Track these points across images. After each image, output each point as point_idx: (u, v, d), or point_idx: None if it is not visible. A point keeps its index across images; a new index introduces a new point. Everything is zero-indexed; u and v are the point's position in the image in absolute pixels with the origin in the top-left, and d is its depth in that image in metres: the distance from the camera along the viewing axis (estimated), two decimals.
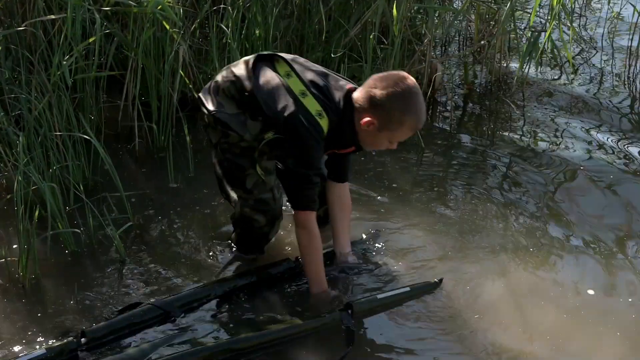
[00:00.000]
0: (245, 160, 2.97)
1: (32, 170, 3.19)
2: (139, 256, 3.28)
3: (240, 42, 4.21)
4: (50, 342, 2.74)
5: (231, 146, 2.96)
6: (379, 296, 2.99)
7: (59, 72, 3.51)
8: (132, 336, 2.81)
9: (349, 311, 2.88)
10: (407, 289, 3.05)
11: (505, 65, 5.06)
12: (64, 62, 3.49)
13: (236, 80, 2.90)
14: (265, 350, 2.75)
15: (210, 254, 3.32)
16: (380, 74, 2.84)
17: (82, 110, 3.87)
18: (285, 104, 2.80)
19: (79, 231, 3.26)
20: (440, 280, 3.12)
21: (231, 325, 2.92)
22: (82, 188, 3.51)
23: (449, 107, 4.74)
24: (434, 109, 4.81)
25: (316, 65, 3.00)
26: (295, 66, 2.90)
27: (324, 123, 2.80)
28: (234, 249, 3.31)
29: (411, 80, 2.79)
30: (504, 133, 4.64)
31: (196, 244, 3.38)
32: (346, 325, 2.83)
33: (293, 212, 2.97)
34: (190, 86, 4.07)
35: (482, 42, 4.92)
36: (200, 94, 3.02)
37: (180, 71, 3.95)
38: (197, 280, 3.13)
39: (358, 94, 2.83)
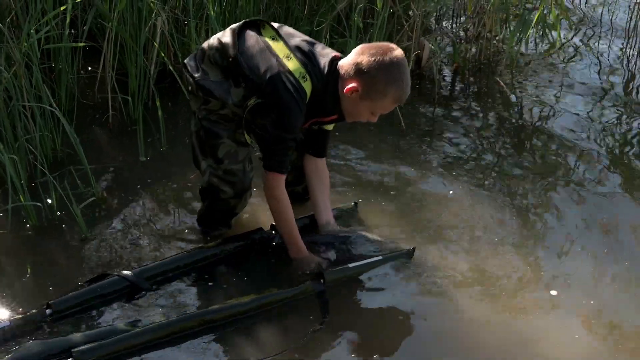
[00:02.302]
0: (221, 128, 2.97)
1: None
2: (104, 230, 3.23)
3: (221, 13, 4.12)
4: (14, 315, 2.72)
5: (209, 113, 2.95)
6: (351, 265, 3.00)
7: (28, 43, 3.44)
8: (99, 308, 2.80)
9: (321, 281, 2.89)
10: (380, 257, 3.06)
11: (496, 43, 4.94)
12: (32, 31, 3.41)
13: (221, 47, 2.88)
14: (238, 322, 2.75)
15: (177, 228, 3.28)
16: (369, 44, 2.86)
17: (58, 80, 3.81)
18: (269, 65, 2.78)
19: (39, 204, 3.21)
20: (413, 249, 3.12)
21: (200, 297, 2.91)
22: (52, 160, 3.50)
23: (435, 85, 4.64)
24: (420, 87, 4.71)
25: (303, 34, 2.99)
26: (282, 32, 2.89)
27: (307, 86, 2.78)
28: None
29: (399, 51, 2.78)
30: (492, 111, 4.58)
31: (163, 218, 3.34)
32: (319, 295, 2.86)
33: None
34: (166, 59, 3.98)
35: (473, 20, 4.80)
36: (185, 60, 3.01)
37: (156, 43, 3.87)
38: (163, 253, 3.10)
39: (344, 61, 2.82)
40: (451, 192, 3.65)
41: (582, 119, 4.48)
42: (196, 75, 2.93)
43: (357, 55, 2.78)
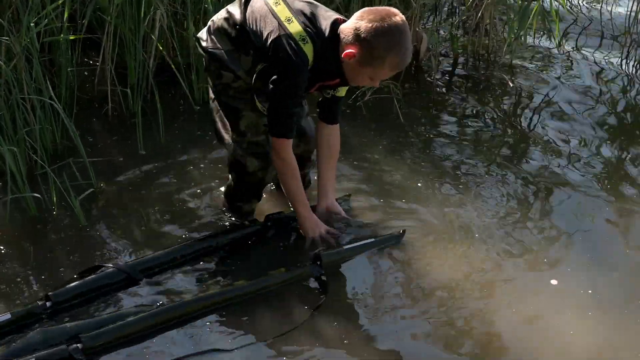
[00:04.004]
0: (239, 102, 2.98)
1: None
2: (101, 222, 3.26)
3: (220, 5, 4.13)
4: (13, 307, 2.74)
5: (225, 87, 2.98)
6: (346, 247, 3.07)
7: (27, 36, 3.46)
8: (97, 299, 2.83)
9: (318, 262, 2.94)
10: (372, 239, 3.13)
11: (494, 35, 4.95)
12: (32, 25, 3.44)
13: (229, 16, 2.92)
14: (238, 305, 2.80)
15: (173, 221, 3.30)
16: (370, 8, 2.80)
17: (58, 74, 3.83)
18: (271, 29, 2.79)
19: (38, 195, 3.24)
20: (403, 232, 3.18)
21: (199, 286, 2.94)
22: (52, 152, 3.53)
23: (433, 77, 4.66)
24: (418, 79, 4.72)
25: None
26: None
27: (307, 49, 2.77)
28: (199, 216, 3.31)
29: (399, 17, 2.73)
30: (490, 104, 4.58)
31: (160, 210, 3.36)
32: (317, 276, 2.91)
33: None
34: (165, 53, 4.00)
35: (471, 12, 4.80)
36: (197, 34, 3.05)
37: (153, 36, 3.89)
38: (161, 245, 3.12)
39: (344, 26, 2.79)
40: (448, 183, 3.67)
41: (579, 112, 4.48)
42: (206, 45, 2.97)
43: (356, 20, 2.75)
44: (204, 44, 2.99)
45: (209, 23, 3.02)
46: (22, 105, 3.43)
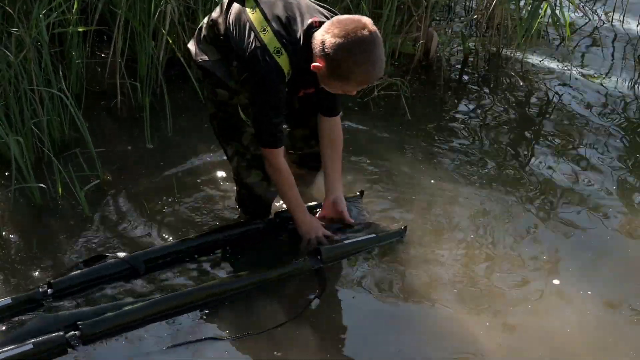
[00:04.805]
0: (238, 119, 2.99)
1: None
2: (106, 213, 3.29)
3: None
4: (16, 294, 2.77)
5: (221, 104, 2.98)
6: (347, 242, 3.06)
7: (37, 28, 3.48)
8: (98, 288, 2.85)
9: (318, 257, 2.95)
10: (374, 235, 3.12)
11: (505, 35, 4.92)
12: (41, 16, 3.46)
13: (213, 24, 2.87)
14: (237, 297, 2.82)
15: (178, 214, 3.31)
16: (340, 18, 2.67)
17: (69, 65, 3.85)
18: (249, 40, 2.72)
19: (43, 185, 3.26)
20: (405, 228, 3.16)
21: (200, 278, 2.95)
22: (60, 143, 3.57)
23: (442, 75, 4.65)
24: (428, 78, 4.71)
25: None
26: (262, 0, 2.79)
27: (283, 61, 2.70)
28: (201, 210, 3.33)
29: (368, 30, 2.59)
30: (500, 104, 4.56)
31: (166, 203, 3.37)
32: (316, 269, 2.92)
33: None
34: (175, 47, 4.02)
35: (482, 11, 4.80)
36: (188, 45, 3.02)
37: (163, 30, 3.91)
38: (163, 238, 3.14)
39: (317, 34, 2.67)
40: (455, 182, 3.66)
41: (589, 112, 4.46)
42: (197, 58, 2.93)
43: (324, 32, 2.63)
44: (196, 57, 2.94)
45: (196, 32, 2.97)
46: (30, 97, 3.45)
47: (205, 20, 2.94)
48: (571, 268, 3.11)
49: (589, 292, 2.98)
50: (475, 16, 4.93)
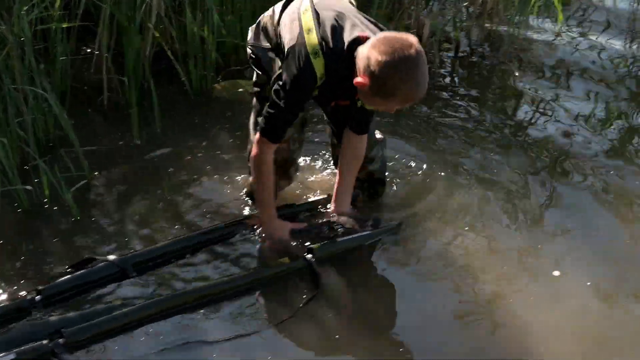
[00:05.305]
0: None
1: None
2: (95, 214, 3.21)
3: None
4: (3, 300, 2.71)
5: (259, 86, 3.02)
6: (339, 239, 3.00)
7: (19, 24, 3.39)
8: (88, 293, 2.78)
9: (311, 255, 2.90)
10: (368, 232, 3.06)
11: (498, 21, 4.87)
12: (22, 12, 3.37)
13: (272, 14, 2.92)
14: (227, 298, 2.77)
15: (169, 213, 3.24)
16: (387, 35, 2.63)
17: (53, 62, 3.77)
18: (291, 37, 2.74)
19: (29, 188, 3.18)
20: (400, 224, 3.12)
21: (189, 280, 2.89)
22: (45, 142, 3.50)
23: (435, 63, 4.59)
24: None
25: (346, 6, 2.84)
26: (318, 3, 2.80)
27: (318, 63, 2.69)
28: (193, 208, 3.26)
29: (414, 49, 2.56)
30: (492, 89, 4.55)
31: (155, 202, 3.30)
32: (309, 269, 2.87)
33: None
34: (161, 41, 3.94)
35: None
36: (250, 27, 3.05)
37: (150, 24, 3.83)
38: (152, 239, 3.06)
39: (361, 49, 2.65)
40: (447, 172, 3.59)
41: (581, 104, 4.41)
42: (250, 40, 2.98)
43: (370, 48, 2.60)
44: (249, 38, 3.01)
45: (260, 17, 3.01)
46: (14, 96, 3.37)
47: (269, 11, 2.97)
48: (572, 261, 3.06)
49: (589, 284, 2.93)
50: (465, 5, 4.85)
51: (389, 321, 2.78)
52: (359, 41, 2.67)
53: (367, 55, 2.60)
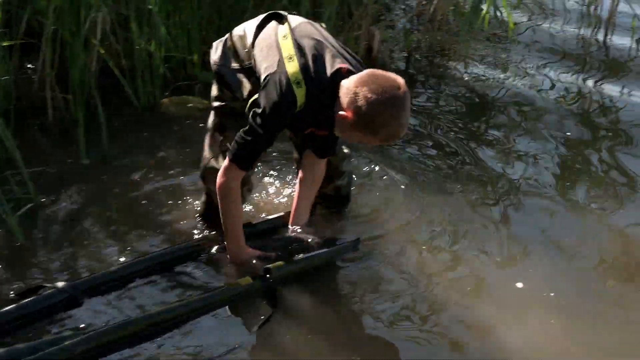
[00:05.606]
0: (230, 122, 2.93)
1: None
2: (42, 239, 3.11)
3: (165, 7, 4.02)
4: None
5: (222, 101, 2.96)
6: (296, 258, 2.95)
7: None
8: (36, 321, 2.67)
9: (267, 276, 2.85)
10: (325, 250, 3.02)
11: (447, 30, 4.90)
12: None
13: (244, 35, 2.88)
14: (183, 323, 2.69)
15: (120, 236, 3.16)
16: (376, 74, 2.64)
17: None
18: (270, 64, 2.72)
19: None
20: (358, 240, 3.08)
21: (142, 305, 2.80)
22: None
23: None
24: None
25: (324, 34, 2.83)
26: (297, 30, 2.79)
27: (300, 93, 2.67)
28: (145, 230, 3.19)
29: (402, 90, 2.61)
30: (443, 98, 4.56)
31: (104, 225, 3.21)
32: (266, 291, 2.83)
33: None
34: (107, 57, 3.87)
35: (424, 6, 4.75)
36: (214, 42, 3.00)
37: (95, 40, 3.75)
38: (103, 264, 2.98)
39: (346, 82, 2.66)
40: (403, 185, 3.59)
41: (536, 104, 4.49)
42: (215, 59, 2.93)
43: (357, 83, 2.62)
44: (214, 56, 2.94)
45: (227, 35, 2.95)
46: None
47: (239, 27, 2.94)
48: (534, 270, 3.07)
49: (552, 294, 2.94)
50: (414, 14, 4.87)
51: (348, 340, 2.73)
52: (340, 73, 2.68)
53: (354, 90, 2.61)
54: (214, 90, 2.98)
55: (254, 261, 2.94)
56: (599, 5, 5.56)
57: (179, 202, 3.33)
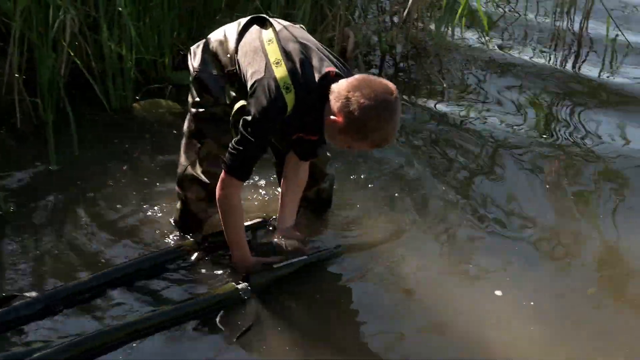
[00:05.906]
0: (208, 127, 2.90)
1: None
2: (11, 249, 3.03)
3: (134, 8, 3.94)
4: None
5: (201, 107, 2.91)
6: (275, 266, 2.92)
7: None
8: (9, 332, 2.61)
9: (247, 284, 2.82)
10: (305, 257, 2.99)
11: (422, 30, 4.89)
12: None
13: (224, 40, 2.84)
14: (163, 330, 2.66)
15: (92, 244, 3.09)
16: (368, 80, 2.64)
17: None
18: (257, 69, 2.69)
19: None
20: (339, 247, 3.09)
21: (119, 313, 2.75)
22: None
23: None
24: None
25: (307, 37, 2.82)
26: (282, 34, 2.76)
27: (289, 98, 2.65)
28: (117, 238, 3.13)
29: (394, 96, 2.61)
30: (420, 99, 4.56)
31: (76, 234, 3.14)
32: (245, 298, 2.80)
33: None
34: (77, 59, 3.78)
35: (398, 7, 4.73)
36: (192, 47, 2.95)
37: (64, 42, 3.67)
38: (76, 273, 2.91)
39: (336, 86, 2.64)
40: (381, 190, 3.58)
41: (511, 104, 4.51)
42: (196, 66, 2.87)
43: (349, 88, 2.60)
44: (194, 62, 2.89)
45: (205, 40, 2.91)
46: None
47: (218, 32, 2.90)
48: (513, 279, 3.07)
49: (532, 303, 2.93)
50: (388, 16, 4.84)
51: (326, 348, 2.70)
52: (329, 77, 2.67)
53: (346, 95, 2.60)
54: (193, 96, 2.92)
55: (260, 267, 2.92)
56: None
57: (153, 209, 3.27)
